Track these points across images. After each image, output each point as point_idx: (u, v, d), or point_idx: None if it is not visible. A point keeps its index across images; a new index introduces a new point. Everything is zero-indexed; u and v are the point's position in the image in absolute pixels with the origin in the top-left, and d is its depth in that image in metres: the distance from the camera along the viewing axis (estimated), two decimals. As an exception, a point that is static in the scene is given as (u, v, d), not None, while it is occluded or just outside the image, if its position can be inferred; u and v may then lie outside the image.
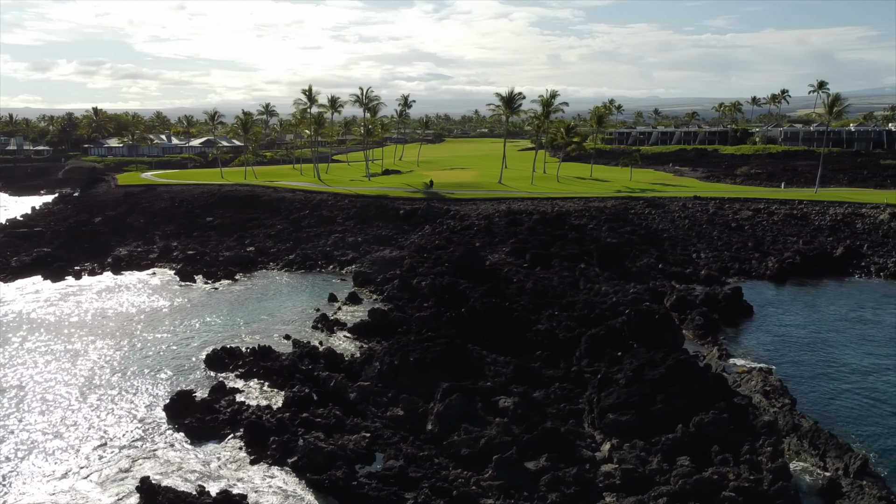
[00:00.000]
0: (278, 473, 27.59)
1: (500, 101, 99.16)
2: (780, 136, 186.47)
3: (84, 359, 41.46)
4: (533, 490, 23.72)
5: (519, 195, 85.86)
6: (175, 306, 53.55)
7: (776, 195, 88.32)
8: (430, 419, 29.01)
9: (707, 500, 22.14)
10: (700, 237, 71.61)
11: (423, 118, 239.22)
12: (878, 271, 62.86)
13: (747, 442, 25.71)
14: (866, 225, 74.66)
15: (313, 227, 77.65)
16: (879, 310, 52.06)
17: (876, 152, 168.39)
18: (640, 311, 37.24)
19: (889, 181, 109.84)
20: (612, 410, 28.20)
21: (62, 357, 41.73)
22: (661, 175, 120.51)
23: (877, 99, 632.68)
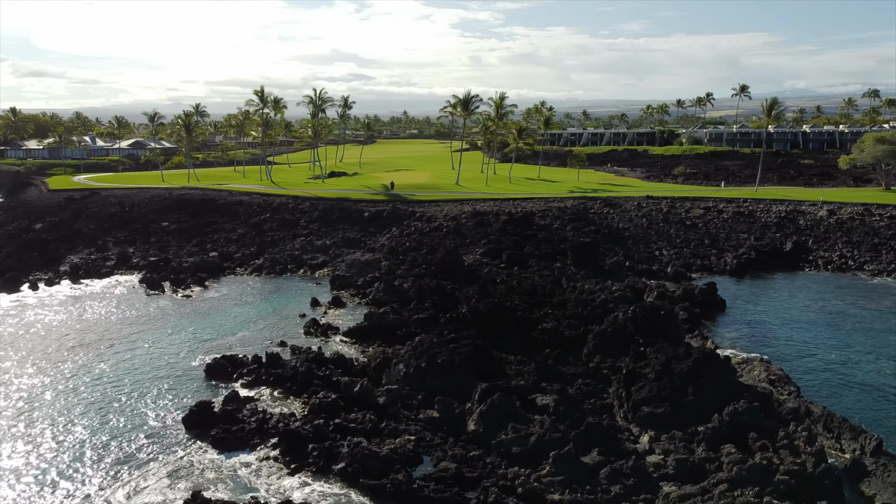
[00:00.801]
0: (323, 481, 27.26)
1: (458, 102, 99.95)
2: (706, 137, 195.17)
3: (73, 374, 39.47)
4: (594, 483, 24.44)
5: (479, 196, 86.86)
6: (151, 316, 51.64)
7: (721, 194, 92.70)
8: (469, 419, 29.33)
9: (761, 484, 23.41)
10: (659, 235, 74.48)
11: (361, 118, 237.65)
12: (825, 265, 67.05)
13: (780, 428, 27.28)
14: (808, 221, 79.45)
15: (276, 230, 76.26)
16: (838, 301, 55.63)
17: (793, 152, 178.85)
18: (646, 308, 38.69)
19: (815, 179, 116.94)
20: (646, 403, 29.30)
21: (50, 373, 39.57)
22: (605, 175, 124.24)
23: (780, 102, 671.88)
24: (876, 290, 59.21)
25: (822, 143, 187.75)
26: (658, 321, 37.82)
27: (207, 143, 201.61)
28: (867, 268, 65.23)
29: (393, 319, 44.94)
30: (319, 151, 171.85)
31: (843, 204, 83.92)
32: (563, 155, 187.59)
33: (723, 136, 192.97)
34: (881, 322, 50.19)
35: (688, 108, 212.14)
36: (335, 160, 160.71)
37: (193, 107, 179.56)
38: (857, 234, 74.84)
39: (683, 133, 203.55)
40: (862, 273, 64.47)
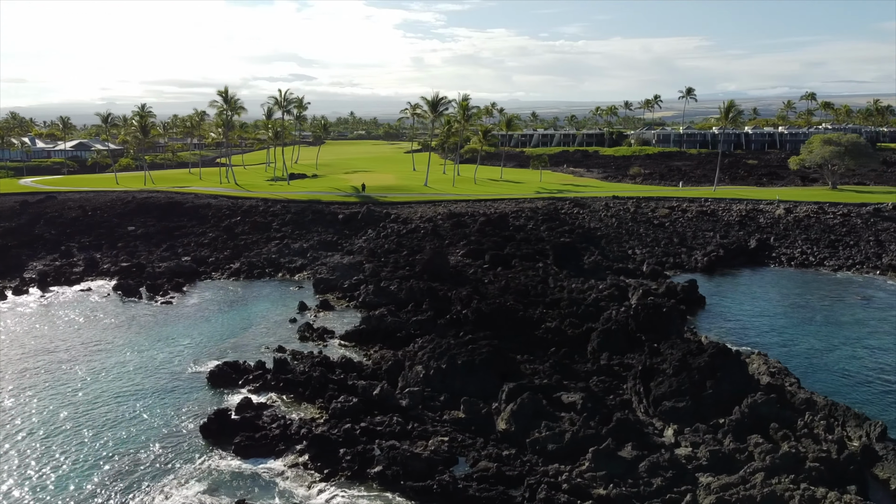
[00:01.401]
0: (359, 485, 27.20)
1: (427, 104, 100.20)
2: (654, 138, 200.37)
3: (72, 387, 38.03)
4: (635, 477, 25.20)
5: (450, 197, 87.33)
6: (136, 323, 50.29)
7: (681, 194, 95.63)
8: (499, 419, 29.75)
9: (795, 471, 24.58)
10: (630, 235, 76.43)
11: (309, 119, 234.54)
12: (788, 261, 70.07)
13: (798, 418, 28.64)
14: (767, 220, 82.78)
15: (248, 233, 75.07)
16: (809, 295, 58.33)
17: (738, 153, 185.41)
18: (648, 306, 39.87)
19: (765, 179, 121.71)
20: (667, 398, 30.30)
21: (48, 387, 38.04)
22: (564, 176, 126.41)
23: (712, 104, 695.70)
24: (840, 284, 62.22)
25: (764, 144, 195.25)
26: (660, 318, 39.05)
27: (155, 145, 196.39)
28: (827, 263, 68.42)
29: (392, 322, 44.97)
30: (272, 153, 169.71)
31: (797, 203, 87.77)
32: (516, 156, 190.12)
33: (670, 137, 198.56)
34: (850, 314, 52.82)
35: (635, 109, 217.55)
36: (290, 162, 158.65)
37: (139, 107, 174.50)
38: (814, 231, 78.40)
39: (632, 134, 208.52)
40: (824, 268, 67.59)
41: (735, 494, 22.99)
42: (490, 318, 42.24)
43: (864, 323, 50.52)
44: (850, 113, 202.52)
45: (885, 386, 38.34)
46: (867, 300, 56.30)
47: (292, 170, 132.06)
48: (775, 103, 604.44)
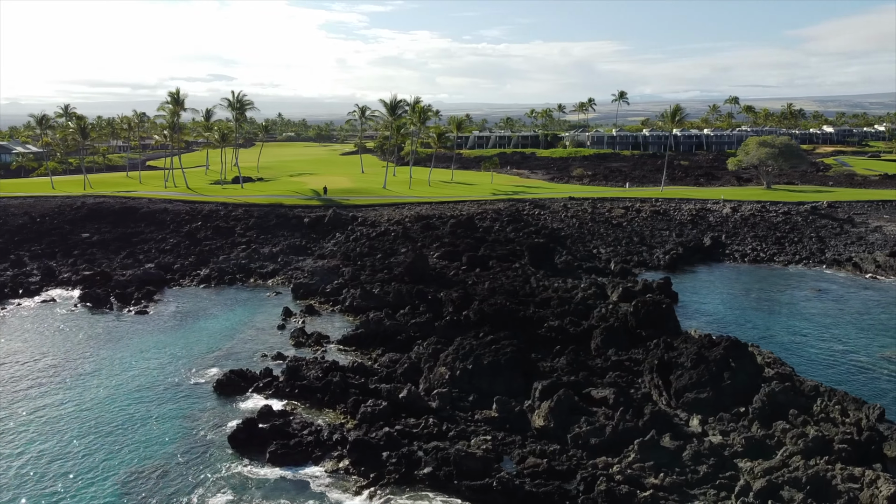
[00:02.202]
0: (408, 488, 27.34)
1: (385, 107, 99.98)
2: (588, 140, 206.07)
3: (68, 407, 36.25)
4: (681, 465, 26.44)
5: (412, 200, 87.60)
6: (116, 334, 48.42)
7: (632, 194, 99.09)
8: (534, 416, 30.48)
9: (825, 453, 26.40)
10: (592, 235, 78.71)
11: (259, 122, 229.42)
12: (741, 257, 73.81)
13: (812, 404, 30.64)
14: (716, 218, 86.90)
15: (212, 239, 73.19)
16: (769, 289, 61.78)
17: (668, 154, 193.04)
18: (647, 302, 41.48)
19: (702, 179, 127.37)
20: (688, 390, 31.79)
21: (40, 410, 36.15)
22: (512, 178, 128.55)
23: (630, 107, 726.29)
24: (794, 277, 66.10)
25: (692, 146, 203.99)
26: (659, 314, 40.76)
27: (79, 148, 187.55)
28: (777, 259, 72.50)
29: (391, 325, 45.05)
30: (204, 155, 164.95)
31: (741, 202, 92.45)
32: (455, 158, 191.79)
33: (604, 139, 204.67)
34: (811, 306, 56.20)
35: (569, 112, 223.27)
36: (229, 164, 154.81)
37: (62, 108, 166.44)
38: (760, 228, 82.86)
39: (566, 136, 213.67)
40: (775, 263, 71.58)
41: (781, 477, 24.50)
42: (492, 319, 42.95)
43: (826, 314, 53.94)
44: (768, 116, 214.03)
45: (858, 371, 41.24)
46: (822, 292, 60.04)
47: (234, 173, 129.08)
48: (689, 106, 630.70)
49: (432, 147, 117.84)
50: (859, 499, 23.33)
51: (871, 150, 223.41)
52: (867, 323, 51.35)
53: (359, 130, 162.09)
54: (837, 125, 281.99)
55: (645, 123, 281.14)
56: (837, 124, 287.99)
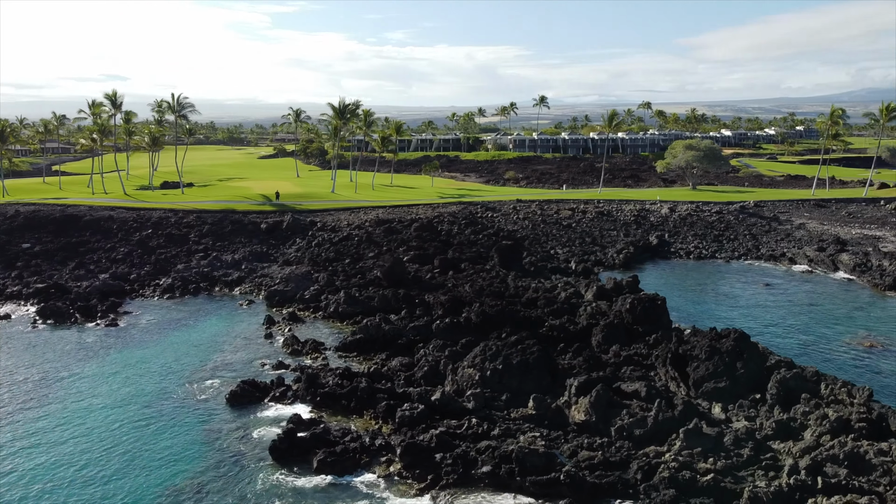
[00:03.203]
0: (469, 487, 27.89)
1: (333, 111, 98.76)
2: (511, 143, 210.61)
3: (79, 425, 34.73)
4: (725, 449, 28.29)
5: (365, 204, 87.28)
6: (93, 350, 46.12)
7: (574, 196, 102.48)
8: (573, 411, 31.67)
9: (847, 431, 28.96)
10: (547, 236, 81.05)
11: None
12: (686, 254, 78.06)
13: (817, 388, 33.36)
14: (657, 218, 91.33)
15: (166, 247, 70.47)
16: (722, 284, 65.71)
17: (587, 157, 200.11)
18: (642, 299, 43.57)
19: (630, 181, 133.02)
20: (706, 380, 33.88)
21: (48, 438, 34.30)
22: (451, 181, 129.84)
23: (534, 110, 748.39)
24: (739, 272, 70.57)
25: (609, 149, 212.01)
26: (655, 311, 42.95)
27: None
28: (719, 255, 77.14)
29: (390, 329, 45.20)
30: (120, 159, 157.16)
31: (675, 202, 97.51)
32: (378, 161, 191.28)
33: (525, 142, 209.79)
34: (765, 298, 60.33)
35: (493, 116, 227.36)
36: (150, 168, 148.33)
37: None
38: (698, 227, 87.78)
39: (489, 140, 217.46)
40: (717, 260, 76.13)
41: (819, 455, 26.75)
42: (494, 320, 43.93)
43: (779, 306, 58.08)
44: (677, 120, 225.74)
45: (828, 358, 44.79)
46: (769, 286, 64.54)
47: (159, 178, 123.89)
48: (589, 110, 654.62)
49: (377, 151, 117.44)
50: (892, 470, 25.82)
51: (766, 152, 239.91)
52: (819, 314, 55.68)
53: (295, 134, 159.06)
54: (734, 129, 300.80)
55: (559, 127, 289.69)
56: (734, 128, 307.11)
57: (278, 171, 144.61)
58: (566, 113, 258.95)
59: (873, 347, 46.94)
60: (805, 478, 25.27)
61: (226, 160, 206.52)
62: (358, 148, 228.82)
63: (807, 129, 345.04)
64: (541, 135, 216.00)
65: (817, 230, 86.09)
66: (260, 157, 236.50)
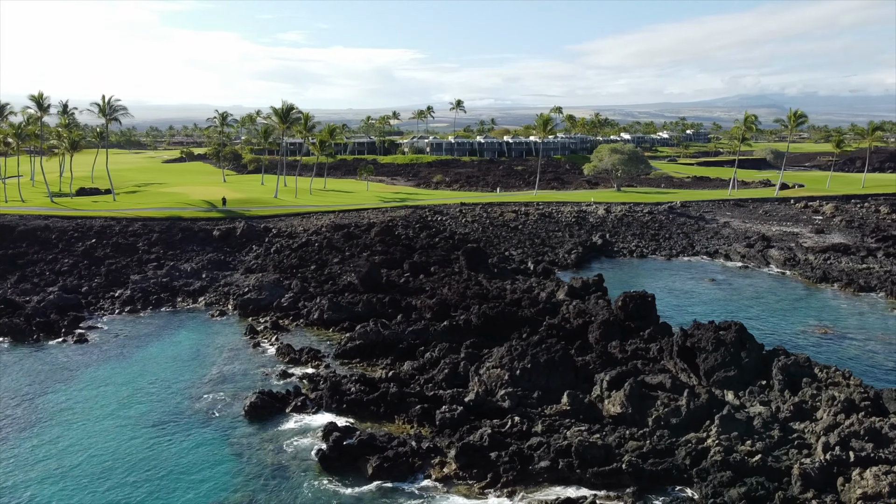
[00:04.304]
0: (529, 482, 28.84)
1: (276, 114, 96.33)
2: (427, 147, 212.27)
3: (97, 449, 33.09)
4: (756, 432, 30.64)
5: (315, 209, 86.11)
6: (71, 370, 43.59)
7: (514, 198, 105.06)
8: (607, 404, 33.24)
9: (856, 410, 32.05)
10: (499, 238, 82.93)
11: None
12: (629, 253, 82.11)
13: (812, 373, 36.58)
14: (596, 219, 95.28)
15: (114, 257, 66.97)
16: (671, 280, 69.55)
17: (503, 160, 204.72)
18: (633, 297, 45.88)
19: (555, 182, 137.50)
20: (716, 370, 36.37)
21: (62, 449, 32.70)
22: (383, 185, 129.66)
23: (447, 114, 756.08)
24: (682, 268, 74.95)
25: (522, 152, 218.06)
26: (646, 307, 45.39)
27: None
28: (659, 253, 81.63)
29: (389, 334, 45.38)
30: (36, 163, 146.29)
31: (609, 203, 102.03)
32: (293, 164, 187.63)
33: (442, 145, 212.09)
34: (716, 292, 64.63)
35: (410, 120, 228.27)
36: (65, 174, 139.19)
37: None
38: (634, 227, 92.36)
39: (405, 143, 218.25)
40: (659, 257, 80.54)
41: (842, 432, 29.58)
42: (494, 321, 45.05)
43: (729, 300, 62.35)
44: (584, 124, 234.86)
45: (792, 346, 48.86)
46: (715, 281, 69.07)
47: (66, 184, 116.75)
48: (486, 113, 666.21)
49: (314, 155, 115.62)
50: (907, 442, 28.98)
51: (663, 154, 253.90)
52: (767, 305, 60.26)
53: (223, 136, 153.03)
54: (632, 133, 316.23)
55: (467, 130, 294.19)
56: (632, 132, 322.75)
57: (198, 176, 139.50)
58: (462, 117, 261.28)
59: (827, 333, 51.57)
60: (840, 453, 27.91)
61: (129, 165, 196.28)
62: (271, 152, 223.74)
63: (695, 132, 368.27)
64: (457, 138, 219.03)
65: (741, 228, 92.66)
66: (164, 161, 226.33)
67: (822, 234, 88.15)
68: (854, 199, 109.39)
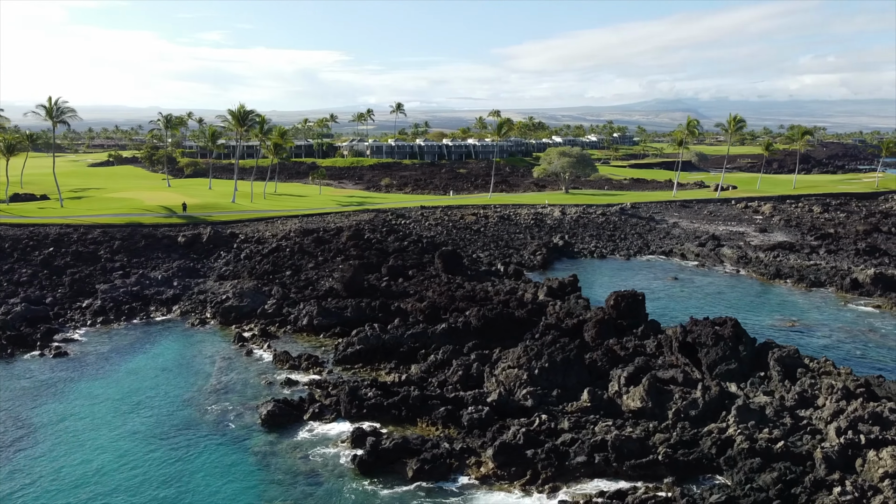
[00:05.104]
0: (566, 477, 29.73)
1: (232, 118, 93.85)
2: (368, 150, 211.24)
3: (124, 466, 32.00)
4: (770, 420, 32.54)
5: (278, 214, 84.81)
6: (62, 383, 41.88)
7: (470, 201, 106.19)
8: (625, 400, 34.52)
9: (854, 397, 34.44)
10: (464, 241, 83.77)
11: None
12: (590, 253, 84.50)
13: (808, 363, 39.03)
14: (553, 221, 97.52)
15: (76, 266, 64.15)
16: (635, 278, 71.97)
17: (443, 163, 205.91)
18: (625, 295, 47.55)
19: (503, 185, 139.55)
20: (718, 363, 38.29)
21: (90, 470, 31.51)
22: (336, 189, 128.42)
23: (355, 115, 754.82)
24: (643, 267, 77.77)
25: (462, 155, 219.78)
26: (636, 306, 47.15)
27: None
28: (618, 253, 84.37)
29: (389, 338, 45.52)
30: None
31: (563, 206, 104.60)
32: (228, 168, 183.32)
33: (382, 148, 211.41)
34: (679, 290, 67.43)
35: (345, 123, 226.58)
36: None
37: None
38: (590, 228, 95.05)
39: (344, 146, 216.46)
40: (618, 256, 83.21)
41: (849, 417, 31.82)
42: (493, 322, 45.86)
43: (691, 297, 65.06)
44: (520, 128, 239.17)
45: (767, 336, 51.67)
46: (678, 280, 72.06)
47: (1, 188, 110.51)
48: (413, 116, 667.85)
49: (268, 157, 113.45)
50: (909, 423, 31.47)
51: (594, 157, 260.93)
52: (731, 301, 63.34)
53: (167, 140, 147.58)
54: (563, 136, 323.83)
55: (402, 133, 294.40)
56: (563, 135, 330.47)
57: (137, 181, 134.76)
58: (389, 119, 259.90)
59: (794, 326, 54.83)
60: (852, 437, 30.06)
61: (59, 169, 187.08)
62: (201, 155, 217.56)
63: (622, 135, 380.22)
64: (397, 141, 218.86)
65: (690, 228, 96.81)
66: (90, 164, 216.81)
67: (766, 232, 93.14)
68: (789, 200, 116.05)
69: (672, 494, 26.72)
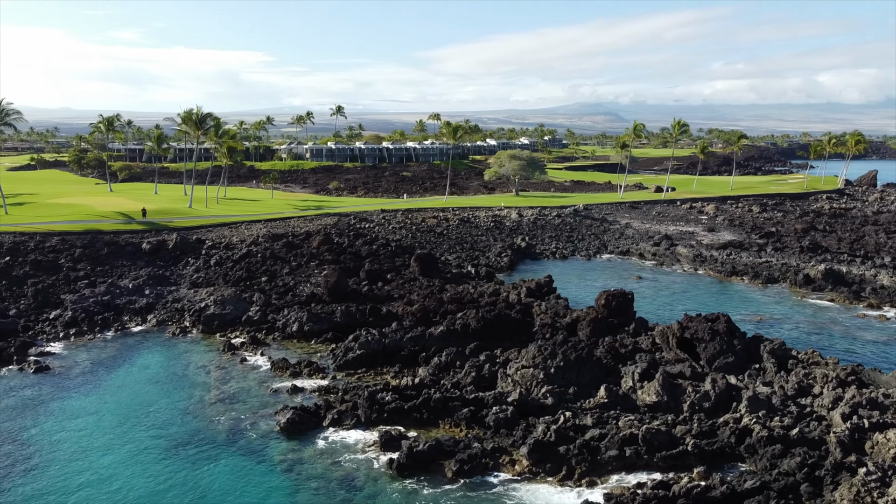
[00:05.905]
0: (600, 471, 30.69)
1: (189, 121, 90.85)
2: (307, 153, 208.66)
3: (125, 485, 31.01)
4: (778, 409, 34.48)
5: (241, 219, 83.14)
6: (53, 400, 40.07)
7: (429, 204, 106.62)
8: (640, 395, 35.84)
9: (847, 385, 36.88)
10: (430, 244, 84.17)
11: None
12: (552, 254, 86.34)
13: (796, 354, 41.44)
14: (512, 223, 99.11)
15: (36, 275, 61.10)
16: (602, 277, 74.15)
17: (384, 166, 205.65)
18: (617, 295, 49.11)
19: (453, 188, 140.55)
20: (716, 357, 40.21)
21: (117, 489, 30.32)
22: (288, 193, 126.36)
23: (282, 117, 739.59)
24: (605, 267, 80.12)
25: (402, 158, 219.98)
26: (626, 304, 48.83)
27: None
28: (577, 255, 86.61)
29: (390, 342, 45.59)
30: None
31: (519, 208, 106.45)
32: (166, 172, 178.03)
33: (322, 151, 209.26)
34: (647, 289, 69.66)
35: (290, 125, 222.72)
36: None
37: None
38: (548, 230, 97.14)
39: (283, 149, 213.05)
40: (579, 257, 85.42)
41: (848, 403, 34.12)
42: (492, 323, 46.59)
43: (657, 296, 67.37)
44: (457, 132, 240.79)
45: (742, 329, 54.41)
46: (642, 279, 74.65)
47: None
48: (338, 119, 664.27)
49: (221, 161, 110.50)
50: (902, 407, 34.02)
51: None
52: (696, 298, 66.16)
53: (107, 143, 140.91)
54: (497, 139, 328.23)
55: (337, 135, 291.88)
56: (496, 138, 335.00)
57: (69, 186, 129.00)
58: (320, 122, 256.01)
59: (763, 321, 57.85)
60: (858, 422, 32.27)
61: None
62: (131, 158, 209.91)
63: (552, 138, 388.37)
64: (337, 144, 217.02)
65: (642, 228, 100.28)
66: (9, 168, 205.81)
67: (714, 232, 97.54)
68: (729, 201, 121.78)
69: (711, 482, 28.01)
